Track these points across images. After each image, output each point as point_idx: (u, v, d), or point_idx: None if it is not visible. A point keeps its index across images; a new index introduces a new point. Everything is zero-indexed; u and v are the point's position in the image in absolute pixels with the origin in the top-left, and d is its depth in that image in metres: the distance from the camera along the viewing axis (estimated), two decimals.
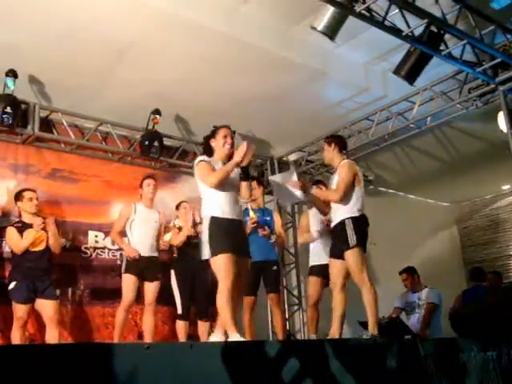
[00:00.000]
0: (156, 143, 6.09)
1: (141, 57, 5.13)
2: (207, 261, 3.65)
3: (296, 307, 7.29)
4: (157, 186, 5.48)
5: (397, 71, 4.96)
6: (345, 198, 4.16)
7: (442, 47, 4.77)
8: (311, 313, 5.18)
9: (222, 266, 3.48)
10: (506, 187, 9.15)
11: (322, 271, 4.80)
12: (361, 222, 4.15)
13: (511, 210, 9.15)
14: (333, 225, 4.32)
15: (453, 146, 7.25)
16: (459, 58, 4.94)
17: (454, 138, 7.05)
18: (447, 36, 4.71)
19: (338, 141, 4.51)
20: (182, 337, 5.16)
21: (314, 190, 4.39)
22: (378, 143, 6.65)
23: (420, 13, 4.40)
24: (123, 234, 5.24)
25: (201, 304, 5.33)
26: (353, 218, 4.12)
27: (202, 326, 5.33)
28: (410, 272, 6.18)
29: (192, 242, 5.37)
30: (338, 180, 4.23)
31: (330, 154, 4.42)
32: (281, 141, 7.13)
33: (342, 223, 4.14)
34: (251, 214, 5.28)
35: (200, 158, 3.88)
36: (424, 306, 5.92)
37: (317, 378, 2.74)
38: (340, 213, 4.19)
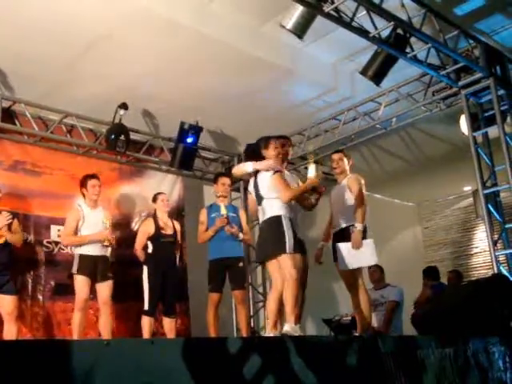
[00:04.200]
0: (122, 137, 6.00)
1: (109, 50, 5.06)
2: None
3: (261, 304, 7.32)
4: (101, 185, 5.28)
5: (364, 72, 5.04)
6: (340, 207, 4.43)
7: (408, 50, 4.87)
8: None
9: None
10: (467, 188, 9.39)
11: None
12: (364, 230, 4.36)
13: (472, 211, 9.38)
14: (336, 230, 4.47)
15: (417, 146, 7.40)
16: (424, 61, 5.05)
17: (418, 139, 7.20)
18: (413, 39, 4.81)
19: (346, 154, 4.71)
20: (146, 333, 5.12)
21: (360, 224, 4.33)
22: (344, 143, 6.73)
23: (387, 15, 4.47)
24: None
25: (169, 301, 5.31)
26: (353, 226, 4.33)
27: (169, 323, 5.31)
28: (379, 267, 6.28)
29: (166, 240, 5.33)
30: (354, 192, 4.41)
31: (345, 166, 4.57)
32: (249, 138, 7.06)
33: (345, 230, 4.36)
34: (223, 210, 5.27)
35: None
36: (386, 303, 6.02)
37: (278, 374, 2.75)
38: (344, 220, 4.39)
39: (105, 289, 5.00)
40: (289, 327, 3.62)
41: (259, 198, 4.00)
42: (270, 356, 2.76)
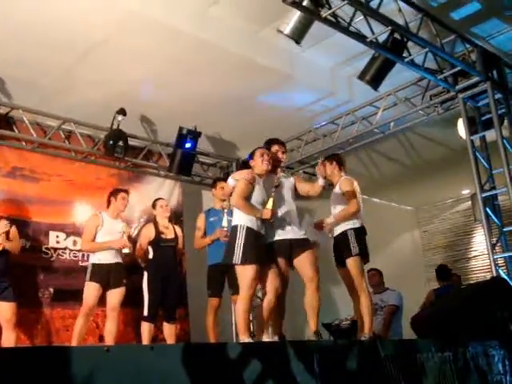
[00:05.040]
0: (121, 143, 6.01)
1: (107, 56, 5.07)
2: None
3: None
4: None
5: (361, 76, 5.05)
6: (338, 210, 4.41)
7: (405, 54, 4.88)
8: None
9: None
10: (465, 192, 9.40)
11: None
12: (361, 233, 4.39)
13: (470, 215, 9.37)
14: (335, 234, 4.47)
15: (415, 150, 7.41)
16: (421, 65, 5.06)
17: (416, 143, 7.22)
18: (410, 43, 4.83)
19: (338, 159, 4.70)
20: (146, 338, 5.11)
21: (334, 218, 4.43)
22: (342, 147, 6.74)
23: (384, 20, 4.49)
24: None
25: (169, 307, 5.30)
26: (354, 229, 4.35)
27: (168, 329, 5.29)
28: (378, 271, 6.29)
29: (167, 245, 5.34)
30: (346, 194, 4.43)
31: (330, 170, 4.55)
32: (247, 143, 7.11)
33: (344, 234, 4.36)
34: (224, 222, 5.13)
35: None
36: (386, 307, 6.02)
37: (278, 379, 2.75)
38: (342, 224, 4.39)
39: (116, 295, 5.03)
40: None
41: None
42: (269, 361, 2.76)
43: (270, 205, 3.87)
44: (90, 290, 4.95)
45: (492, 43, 5.51)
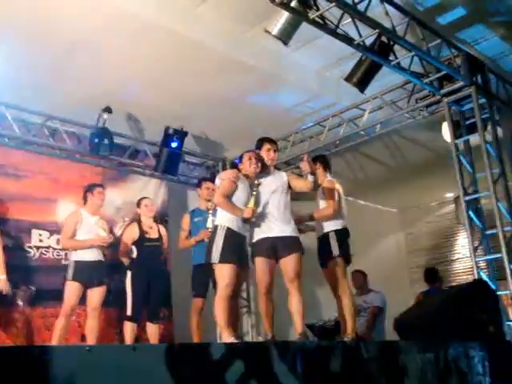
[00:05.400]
0: (106, 141, 5.98)
1: (94, 54, 5.03)
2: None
3: (245, 310, 7.31)
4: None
5: (348, 79, 5.07)
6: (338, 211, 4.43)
7: (392, 57, 4.91)
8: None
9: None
10: (449, 195, 9.48)
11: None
12: (343, 235, 4.42)
13: (454, 218, 9.47)
14: (318, 236, 4.51)
15: (400, 153, 7.47)
16: (407, 68, 5.10)
17: (401, 146, 7.27)
18: (396, 47, 4.86)
19: (323, 160, 4.72)
20: (129, 338, 5.08)
21: (312, 214, 4.50)
22: (329, 149, 6.77)
23: (371, 23, 4.51)
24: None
25: (153, 307, 5.29)
26: (336, 231, 4.40)
27: (152, 329, 5.27)
28: (362, 272, 6.32)
29: (151, 245, 5.31)
30: (325, 195, 4.46)
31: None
32: (233, 143, 7.14)
33: (326, 235, 4.40)
34: (209, 223, 5.10)
35: None
36: (369, 309, 6.06)
37: (261, 380, 2.75)
38: (325, 225, 4.44)
39: (97, 294, 4.99)
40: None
41: None
42: (253, 361, 2.76)
43: (251, 204, 3.90)
44: (72, 289, 4.89)
45: (477, 48, 5.58)
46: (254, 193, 3.95)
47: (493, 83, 5.63)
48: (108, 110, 5.78)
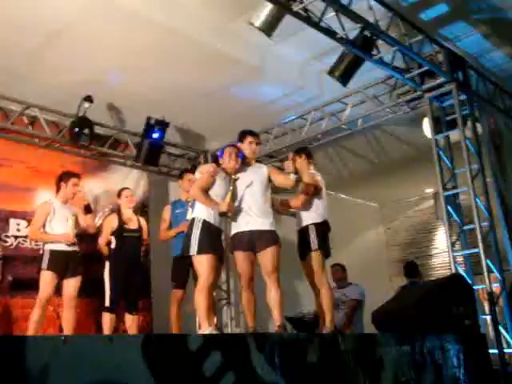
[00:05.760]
0: (86, 131, 5.91)
1: (75, 41, 4.96)
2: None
3: (224, 301, 7.32)
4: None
5: (331, 72, 5.08)
6: (308, 206, 4.42)
7: (374, 52, 4.93)
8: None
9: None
10: (428, 190, 9.60)
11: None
12: (323, 228, 4.40)
13: (433, 213, 9.61)
14: (298, 229, 4.51)
15: (381, 148, 7.52)
16: (390, 63, 5.13)
17: (382, 141, 7.32)
18: (379, 42, 4.87)
19: (307, 152, 4.73)
20: (107, 329, 5.05)
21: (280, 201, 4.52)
22: (310, 142, 6.78)
23: (355, 17, 4.52)
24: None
25: (131, 298, 5.26)
26: (315, 224, 4.38)
27: (130, 320, 5.25)
28: (342, 266, 6.36)
29: (130, 236, 5.27)
30: (301, 191, 4.44)
31: (299, 164, 4.58)
32: (215, 135, 7.12)
33: (305, 228, 4.39)
34: (189, 215, 5.09)
35: None
36: (348, 302, 6.10)
37: (238, 371, 2.76)
38: (304, 218, 4.44)
39: (73, 284, 4.92)
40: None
41: None
42: (230, 353, 2.77)
43: (227, 198, 3.91)
44: (47, 279, 4.81)
45: (458, 45, 5.62)
46: (232, 187, 3.97)
47: (473, 80, 5.70)
48: (89, 98, 5.71)
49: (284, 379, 2.93)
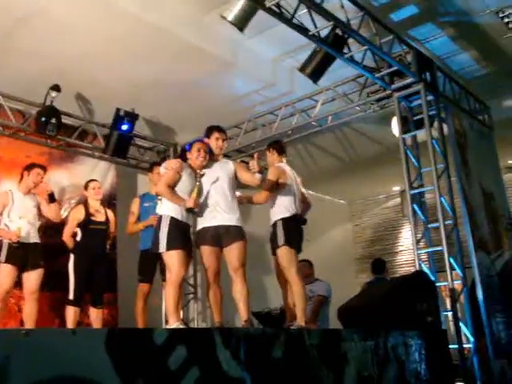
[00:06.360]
0: (54, 120, 5.79)
1: (44, 28, 4.84)
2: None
3: (191, 296, 7.30)
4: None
5: (302, 69, 5.10)
6: (271, 201, 4.39)
7: (346, 50, 4.97)
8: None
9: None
10: (396, 188, 9.76)
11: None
12: (290, 222, 4.34)
13: (399, 211, 9.78)
14: (270, 224, 4.47)
15: (350, 145, 7.61)
16: (360, 62, 5.18)
17: (352, 139, 7.41)
18: (350, 40, 4.92)
19: (278, 147, 4.69)
20: (70, 323, 4.98)
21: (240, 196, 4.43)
22: (280, 138, 6.78)
23: (327, 15, 4.55)
24: None
25: (96, 291, 5.19)
26: (283, 219, 4.33)
27: (95, 314, 5.18)
28: (309, 262, 6.40)
29: (97, 228, 5.21)
30: (264, 186, 4.38)
31: (270, 158, 4.60)
32: (185, 128, 7.06)
33: (274, 224, 4.37)
34: (158, 209, 5.04)
35: None
36: (314, 297, 6.15)
37: (204, 366, 2.75)
38: (273, 214, 4.41)
39: (34, 277, 4.82)
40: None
41: None
42: (196, 347, 2.76)
43: (194, 194, 3.91)
44: (5, 272, 4.70)
45: (427, 46, 5.73)
46: (198, 183, 3.96)
47: (440, 81, 5.81)
48: (56, 88, 5.60)
49: (249, 374, 2.93)
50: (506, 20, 5.43)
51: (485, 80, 6.36)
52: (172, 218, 3.88)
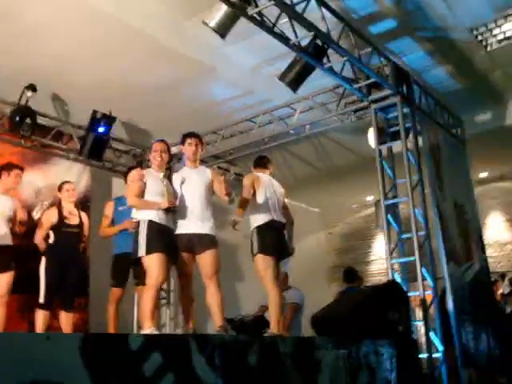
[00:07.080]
0: (28, 120, 5.70)
1: (20, 26, 4.76)
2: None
3: (164, 301, 7.23)
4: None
5: (282, 77, 5.14)
6: (250, 210, 4.39)
7: (325, 61, 5.03)
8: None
9: None
10: (369, 198, 9.88)
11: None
12: (266, 230, 4.33)
13: (372, 220, 9.88)
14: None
15: (327, 155, 7.69)
16: (339, 72, 5.24)
17: (328, 148, 7.48)
18: (330, 51, 4.98)
19: (259, 161, 4.77)
20: (40, 327, 4.87)
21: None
22: (258, 145, 6.83)
23: (307, 25, 4.59)
24: None
25: (67, 294, 5.11)
26: (257, 228, 4.34)
27: (65, 318, 5.08)
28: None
29: (70, 231, 5.12)
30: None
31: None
32: (163, 132, 6.92)
33: (251, 233, 4.36)
34: (134, 213, 5.03)
35: None
36: (288, 305, 6.17)
37: (178, 372, 2.73)
38: (251, 223, 4.40)
39: (4, 280, 4.72)
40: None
41: None
42: (171, 354, 2.74)
43: (165, 195, 3.93)
44: None
45: (404, 60, 5.84)
46: (165, 186, 3.98)
47: (416, 94, 5.92)
48: (32, 87, 5.51)
49: (224, 381, 2.93)
50: (480, 38, 5.60)
51: (459, 95, 6.51)
52: (150, 221, 3.86)
